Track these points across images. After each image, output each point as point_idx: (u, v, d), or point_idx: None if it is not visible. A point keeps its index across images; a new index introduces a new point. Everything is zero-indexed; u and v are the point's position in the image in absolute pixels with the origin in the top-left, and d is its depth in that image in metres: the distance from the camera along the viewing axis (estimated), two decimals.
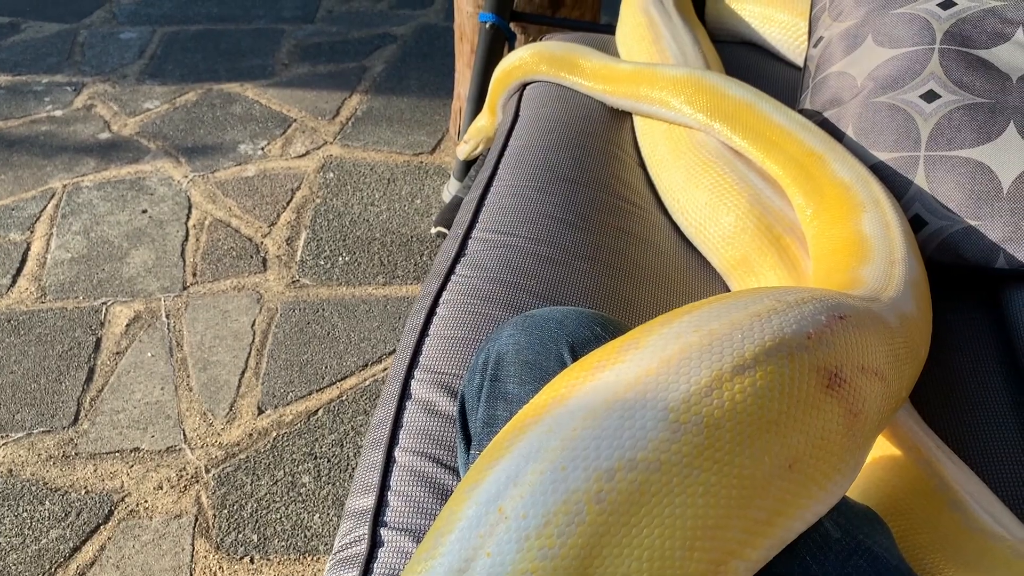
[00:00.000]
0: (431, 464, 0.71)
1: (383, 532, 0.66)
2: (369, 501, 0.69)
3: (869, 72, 0.98)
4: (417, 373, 0.78)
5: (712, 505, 0.44)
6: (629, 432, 0.45)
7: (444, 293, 0.85)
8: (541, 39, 1.33)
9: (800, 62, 1.25)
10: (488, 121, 1.31)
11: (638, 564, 0.43)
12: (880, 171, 0.92)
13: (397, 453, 0.72)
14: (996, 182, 0.86)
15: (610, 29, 1.34)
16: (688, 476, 0.44)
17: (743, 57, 1.25)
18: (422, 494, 0.68)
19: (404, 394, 0.76)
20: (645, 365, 0.47)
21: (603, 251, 0.91)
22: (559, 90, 1.15)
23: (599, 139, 1.06)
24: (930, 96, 0.92)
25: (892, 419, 0.68)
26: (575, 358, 0.58)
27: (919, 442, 0.68)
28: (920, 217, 0.89)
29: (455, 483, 0.69)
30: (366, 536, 0.66)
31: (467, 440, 0.64)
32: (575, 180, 0.99)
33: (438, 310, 0.84)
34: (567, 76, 1.14)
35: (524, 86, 1.21)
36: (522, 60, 1.19)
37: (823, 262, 0.82)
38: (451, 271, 0.87)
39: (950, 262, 0.89)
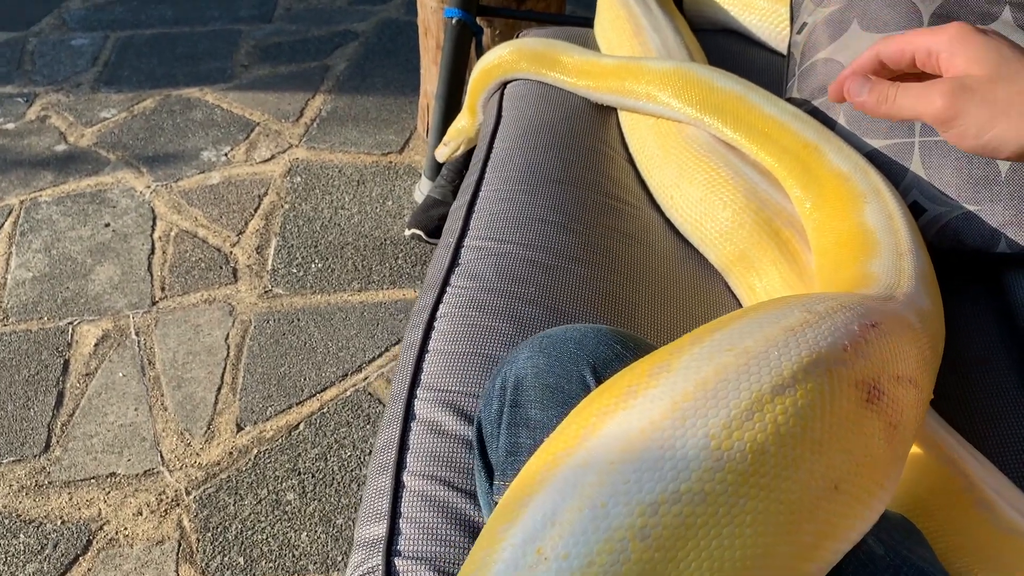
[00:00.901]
0: (442, 488, 0.68)
1: (397, 562, 0.64)
2: (380, 530, 0.66)
3: (856, 58, 0.96)
4: (420, 392, 0.75)
5: (760, 534, 0.42)
6: (671, 463, 0.42)
7: (441, 306, 0.82)
8: (518, 35, 1.29)
9: (782, 48, 1.23)
10: (468, 122, 1.28)
11: None
12: (875, 159, 0.90)
13: (406, 477, 0.69)
14: (994, 166, 0.85)
15: (588, 23, 1.32)
16: (734, 505, 0.42)
17: (724, 45, 1.23)
18: (435, 520, 0.66)
19: (408, 415, 0.73)
20: (680, 389, 0.45)
21: (598, 253, 0.89)
22: (541, 88, 1.12)
23: (586, 137, 1.03)
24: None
25: None
26: (598, 380, 0.56)
27: (941, 440, 0.66)
28: (919, 204, 0.88)
29: (469, 507, 0.67)
30: (380, 567, 0.64)
31: (487, 468, 0.61)
32: (565, 181, 0.96)
33: (436, 324, 0.81)
34: (549, 73, 1.11)
35: (504, 84, 1.18)
36: (501, 58, 1.16)
37: (827, 256, 0.81)
38: (446, 283, 0.84)
39: (950, 248, 0.87)
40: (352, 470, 1.36)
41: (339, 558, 1.25)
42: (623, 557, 0.40)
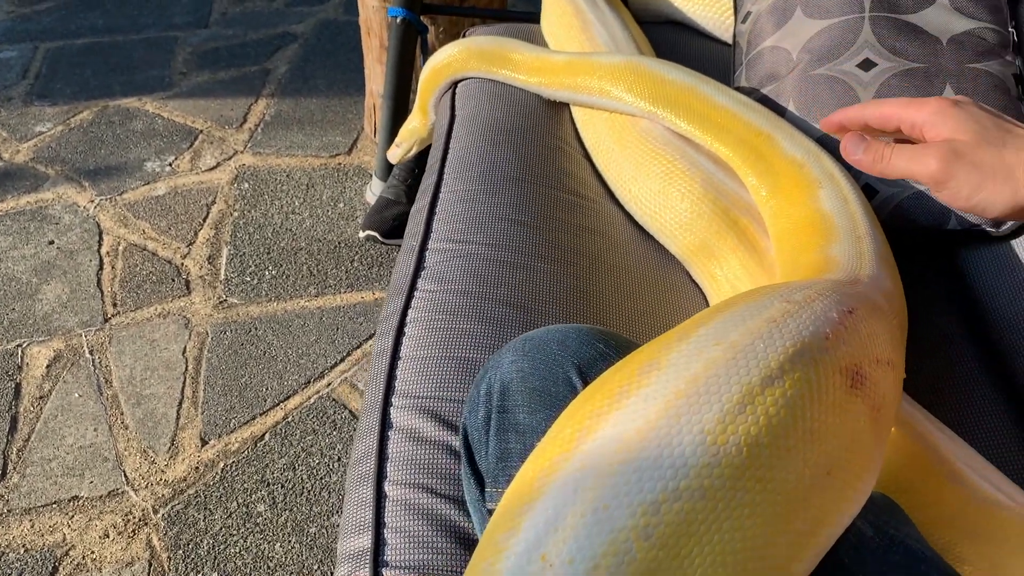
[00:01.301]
0: (426, 495, 0.68)
1: (385, 573, 0.63)
2: (365, 541, 0.66)
3: (803, 45, 0.98)
4: (395, 400, 0.74)
5: (759, 525, 0.43)
6: (669, 461, 0.43)
7: (410, 311, 0.82)
8: (464, 34, 1.29)
9: (727, 38, 1.25)
10: (420, 122, 1.27)
11: None
12: (827, 144, 0.92)
13: (387, 487, 0.69)
14: None
15: (533, 18, 1.32)
16: (733, 499, 0.43)
17: (670, 37, 1.24)
18: (421, 528, 0.66)
19: (385, 424, 0.73)
20: (672, 387, 0.46)
21: (563, 250, 0.89)
22: (493, 86, 1.12)
23: (541, 134, 1.04)
24: (867, 65, 0.93)
25: None
26: (584, 380, 0.56)
27: (909, 417, 0.68)
28: (871, 186, 0.90)
29: (455, 514, 0.67)
30: None
31: (476, 476, 0.61)
32: (524, 179, 0.96)
33: (406, 330, 0.80)
34: (500, 71, 1.11)
35: (455, 84, 1.17)
36: (451, 57, 1.15)
37: (786, 242, 0.82)
38: (413, 287, 0.84)
39: (903, 227, 0.90)
40: (322, 478, 1.35)
41: (315, 567, 1.24)
42: (628, 558, 0.41)
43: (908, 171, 0.60)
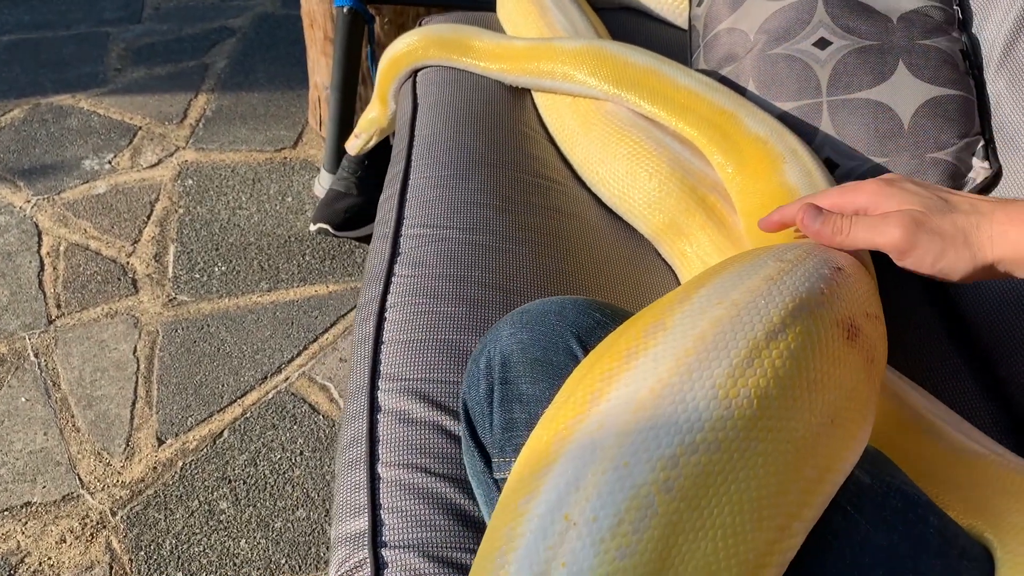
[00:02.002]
0: (420, 474, 0.68)
1: (385, 553, 0.63)
2: (362, 523, 0.65)
3: (759, 26, 1.00)
4: (382, 383, 0.74)
5: (772, 473, 0.44)
6: (684, 416, 0.44)
7: (389, 296, 0.82)
8: (421, 22, 1.29)
9: (680, 22, 1.27)
10: (380, 112, 1.26)
11: (713, 544, 0.42)
12: (787, 120, 0.95)
13: (380, 469, 0.69)
14: (896, 119, 0.91)
15: (486, 6, 1.32)
16: (747, 449, 0.44)
17: (625, 23, 1.26)
18: (418, 506, 0.66)
19: (374, 407, 0.73)
20: (681, 346, 0.47)
21: (536, 232, 0.90)
22: (453, 73, 1.12)
23: (505, 119, 1.04)
24: (822, 43, 0.96)
25: None
26: (584, 349, 0.57)
27: (884, 378, 0.71)
28: (832, 160, 0.93)
29: (450, 491, 0.67)
30: (368, 560, 0.63)
31: (480, 449, 0.61)
32: (493, 163, 0.97)
33: (387, 314, 0.80)
34: (461, 59, 1.11)
35: (415, 72, 1.17)
36: (410, 46, 1.15)
37: (754, 217, 0.84)
38: (391, 272, 0.84)
39: None
40: (284, 472, 1.33)
41: (282, 561, 1.23)
42: (651, 512, 0.42)
43: (870, 242, 0.59)
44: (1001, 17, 0.93)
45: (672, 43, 1.21)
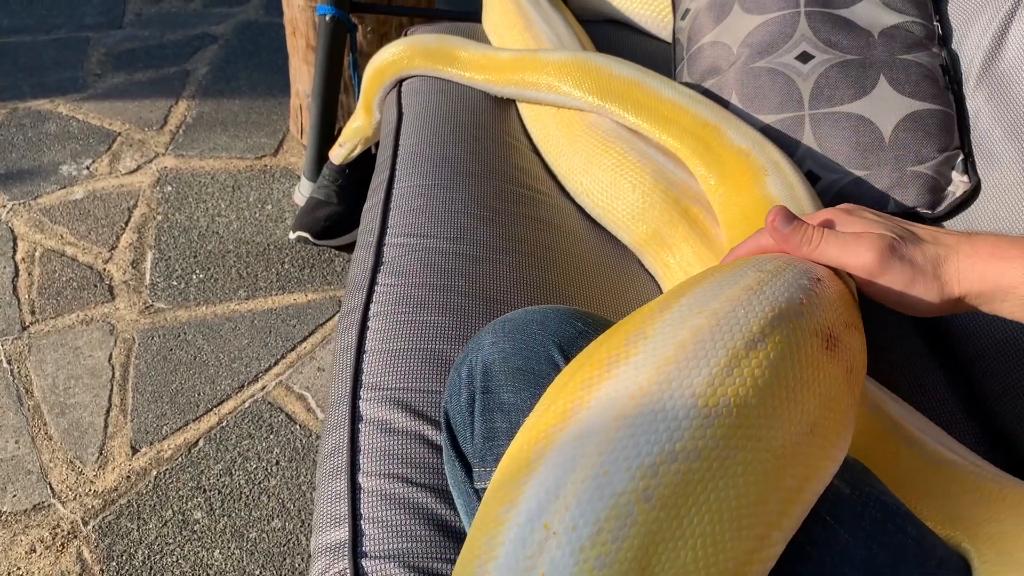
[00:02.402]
0: (401, 485, 0.67)
1: (365, 563, 0.63)
2: (342, 534, 0.65)
3: (742, 39, 1.01)
4: (363, 393, 0.74)
5: (752, 482, 0.44)
6: (664, 424, 0.44)
7: (372, 305, 0.81)
8: (406, 32, 1.29)
9: (665, 35, 1.28)
10: (365, 121, 1.26)
11: (693, 553, 0.42)
12: (769, 133, 0.95)
13: (361, 479, 0.68)
14: (878, 133, 0.91)
15: (463, 17, 1.32)
16: (727, 458, 0.44)
17: (610, 35, 1.27)
18: (399, 517, 0.65)
19: (355, 417, 0.72)
20: (661, 354, 0.47)
21: (520, 242, 0.90)
22: (439, 83, 1.12)
23: (490, 129, 1.04)
24: (804, 57, 0.96)
25: None
26: (566, 358, 0.57)
27: (864, 388, 0.71)
28: (813, 173, 0.94)
29: (432, 501, 0.66)
30: (348, 571, 0.63)
31: (461, 458, 0.61)
32: (477, 173, 0.97)
33: (370, 324, 0.80)
34: (446, 69, 1.11)
35: (400, 82, 1.17)
36: (395, 56, 1.15)
37: (736, 228, 0.85)
38: (374, 281, 0.84)
39: None
40: (260, 482, 1.32)
41: (257, 572, 1.21)
42: (630, 520, 0.42)
43: (839, 261, 0.56)
44: (980, 33, 0.94)
45: (656, 56, 1.22)
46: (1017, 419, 0.77)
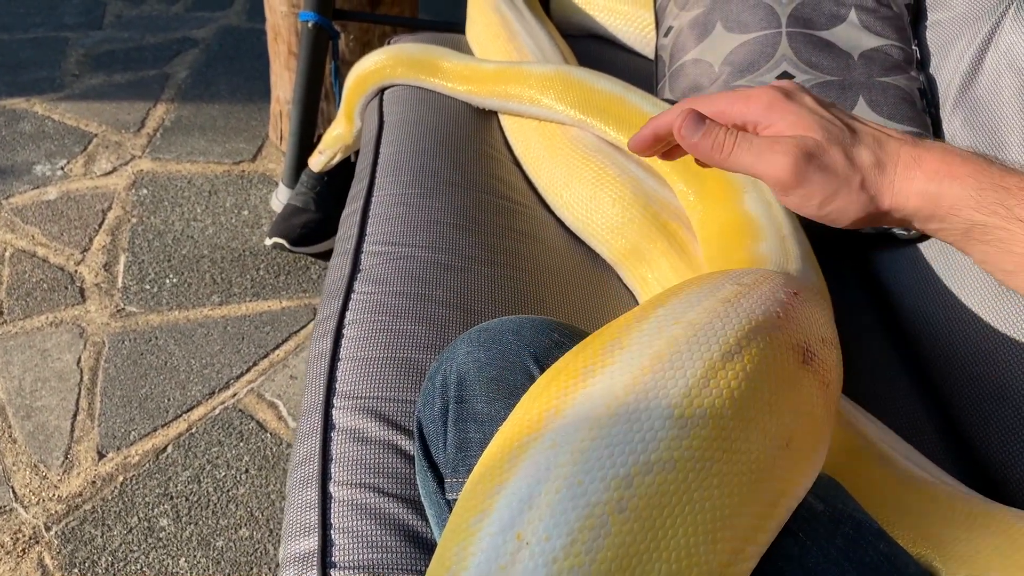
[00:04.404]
0: (372, 495, 0.66)
1: (334, 573, 0.62)
2: (312, 543, 0.64)
3: (724, 58, 1.02)
4: (337, 401, 0.73)
5: (728, 495, 0.44)
6: (639, 435, 0.44)
7: (348, 313, 0.81)
8: (389, 41, 1.28)
9: (647, 52, 1.29)
10: (345, 129, 1.25)
11: (667, 566, 0.42)
12: None
13: (332, 488, 0.67)
14: None
15: (448, 27, 1.33)
16: (702, 470, 0.44)
17: (592, 50, 1.27)
18: (369, 527, 0.64)
19: (327, 425, 0.71)
20: (637, 364, 0.46)
21: (499, 253, 0.89)
22: (421, 92, 1.12)
23: (471, 140, 1.04)
24: (785, 77, 0.97)
25: None
26: (541, 368, 0.56)
27: (839, 406, 0.71)
28: None
29: (403, 512, 0.66)
30: None
31: (433, 468, 0.60)
32: (457, 183, 0.96)
33: (345, 331, 0.79)
34: (429, 79, 1.11)
35: (382, 91, 1.16)
36: (378, 64, 1.14)
37: (714, 244, 0.85)
38: (350, 289, 0.83)
39: (820, 229, 0.94)
40: (228, 490, 1.30)
41: None
42: (604, 532, 0.41)
43: (752, 169, 0.52)
44: (957, 58, 0.95)
45: (638, 72, 1.22)
46: (979, 429, 0.78)
